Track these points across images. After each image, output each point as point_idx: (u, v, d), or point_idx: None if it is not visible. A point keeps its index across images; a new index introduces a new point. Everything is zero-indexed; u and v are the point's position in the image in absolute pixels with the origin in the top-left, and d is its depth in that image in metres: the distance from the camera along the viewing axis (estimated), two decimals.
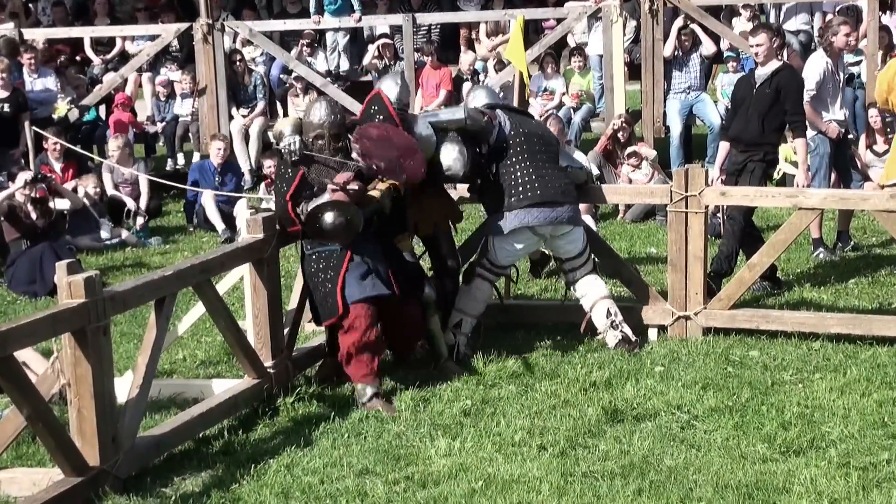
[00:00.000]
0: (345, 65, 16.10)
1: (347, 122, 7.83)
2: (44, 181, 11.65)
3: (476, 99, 8.69)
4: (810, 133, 10.34)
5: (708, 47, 14.62)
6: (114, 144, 13.93)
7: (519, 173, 8.14)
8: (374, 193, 7.46)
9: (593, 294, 8.34)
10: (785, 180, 12.79)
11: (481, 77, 15.43)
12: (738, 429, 6.78)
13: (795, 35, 14.62)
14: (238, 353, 7.42)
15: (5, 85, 13.50)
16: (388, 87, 8.07)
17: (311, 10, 15.49)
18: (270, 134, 13.66)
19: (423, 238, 8.46)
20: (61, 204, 12.06)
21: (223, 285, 7.93)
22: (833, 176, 10.99)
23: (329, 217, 7.25)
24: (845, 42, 10.73)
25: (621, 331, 8.22)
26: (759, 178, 9.58)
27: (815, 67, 10.56)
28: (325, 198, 7.29)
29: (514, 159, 8.18)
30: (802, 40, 14.71)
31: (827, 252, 10.82)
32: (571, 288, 8.50)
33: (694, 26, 14.50)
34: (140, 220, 13.38)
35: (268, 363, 7.54)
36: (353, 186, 7.30)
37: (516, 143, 8.23)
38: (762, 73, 9.73)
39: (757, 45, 9.75)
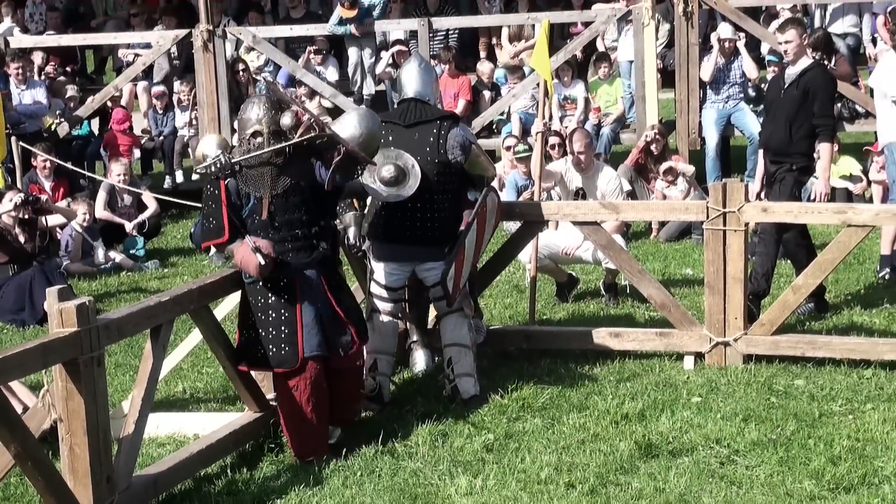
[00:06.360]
0: (369, 87, 15.82)
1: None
2: (35, 203, 11.66)
3: (407, 79, 8.17)
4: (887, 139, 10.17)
5: (749, 69, 14.38)
6: (117, 169, 13.96)
7: (379, 205, 8.03)
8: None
9: (449, 337, 8.09)
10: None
11: (503, 89, 15.47)
12: (783, 464, 6.77)
13: (843, 38, 14.57)
14: (237, 384, 7.45)
15: None
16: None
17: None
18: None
19: None
20: (53, 220, 12.07)
21: (221, 311, 7.97)
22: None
23: (385, 171, 7.70)
24: None
25: (454, 385, 7.97)
26: (789, 192, 9.43)
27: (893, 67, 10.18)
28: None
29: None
30: (850, 44, 14.68)
31: (894, 273, 10.60)
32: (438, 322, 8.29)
33: (739, 45, 14.37)
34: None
35: (270, 395, 7.57)
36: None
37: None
38: (791, 72, 9.63)
39: (786, 42, 9.63)
